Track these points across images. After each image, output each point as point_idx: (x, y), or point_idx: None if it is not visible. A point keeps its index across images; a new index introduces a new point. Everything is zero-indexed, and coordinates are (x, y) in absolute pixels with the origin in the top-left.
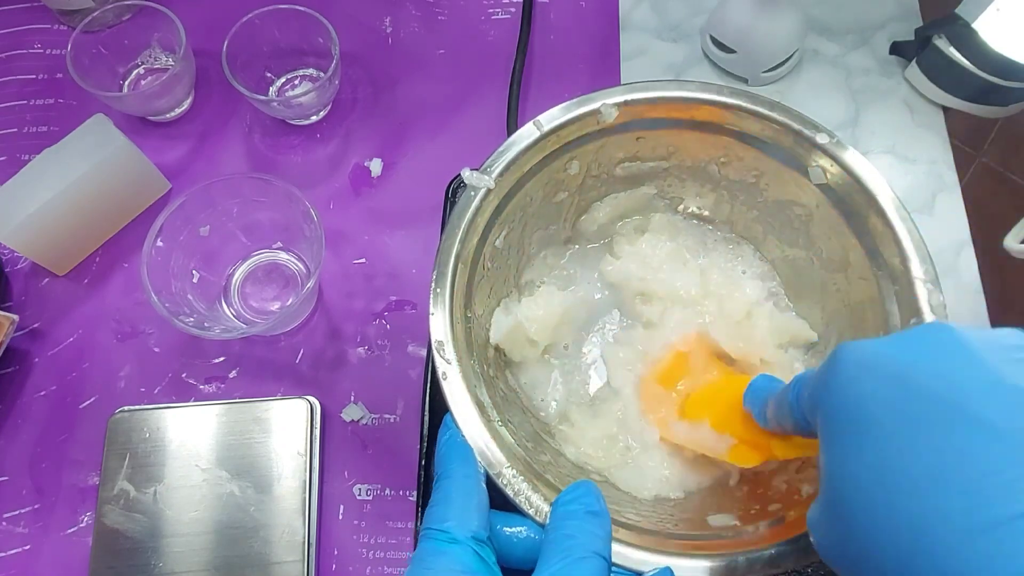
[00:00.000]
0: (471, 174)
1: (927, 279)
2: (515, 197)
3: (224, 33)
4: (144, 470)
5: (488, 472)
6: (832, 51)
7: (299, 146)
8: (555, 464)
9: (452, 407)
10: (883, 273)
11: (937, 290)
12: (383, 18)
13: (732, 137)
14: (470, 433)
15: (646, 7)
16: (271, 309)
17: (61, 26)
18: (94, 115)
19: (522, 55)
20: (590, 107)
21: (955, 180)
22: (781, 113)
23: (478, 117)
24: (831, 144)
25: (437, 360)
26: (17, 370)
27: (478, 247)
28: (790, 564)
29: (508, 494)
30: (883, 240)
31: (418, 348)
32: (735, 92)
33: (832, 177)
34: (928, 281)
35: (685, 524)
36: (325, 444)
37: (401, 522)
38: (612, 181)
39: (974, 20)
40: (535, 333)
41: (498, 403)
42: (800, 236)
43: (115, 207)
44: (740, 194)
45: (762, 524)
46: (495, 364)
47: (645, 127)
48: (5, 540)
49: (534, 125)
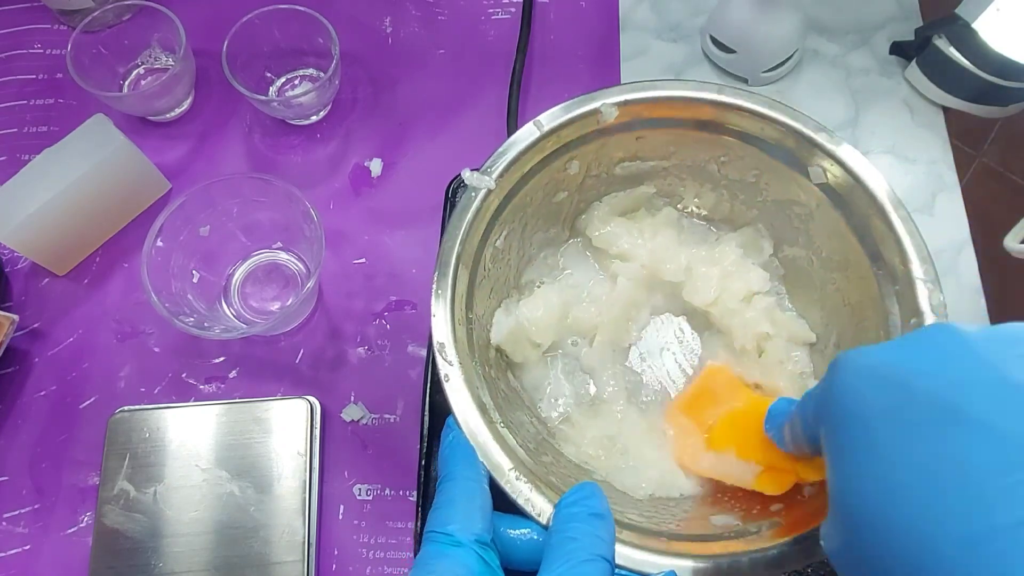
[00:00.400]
0: (471, 175)
1: (927, 279)
2: (515, 197)
3: (224, 33)
4: (144, 470)
5: (492, 475)
6: (832, 51)
7: (299, 146)
8: (557, 465)
9: (454, 409)
10: (883, 273)
11: (937, 290)
12: (383, 18)
13: (732, 136)
14: (472, 435)
15: (646, 7)
16: (271, 309)
17: (61, 26)
18: (94, 115)
19: (522, 55)
20: (590, 107)
21: (955, 180)
22: (781, 112)
23: (478, 117)
24: (831, 143)
25: (439, 362)
26: (17, 370)
27: (479, 248)
28: (794, 564)
29: (511, 497)
30: (883, 240)
31: (418, 348)
32: (735, 91)
33: (832, 177)
34: (928, 281)
35: (688, 524)
36: (325, 444)
37: (401, 522)
38: (612, 180)
39: (974, 20)
40: (536, 334)
41: (500, 404)
42: (800, 235)
43: (115, 207)
44: (740, 193)
45: (764, 524)
46: (496, 365)
47: (645, 127)
48: (5, 540)
49: (534, 125)
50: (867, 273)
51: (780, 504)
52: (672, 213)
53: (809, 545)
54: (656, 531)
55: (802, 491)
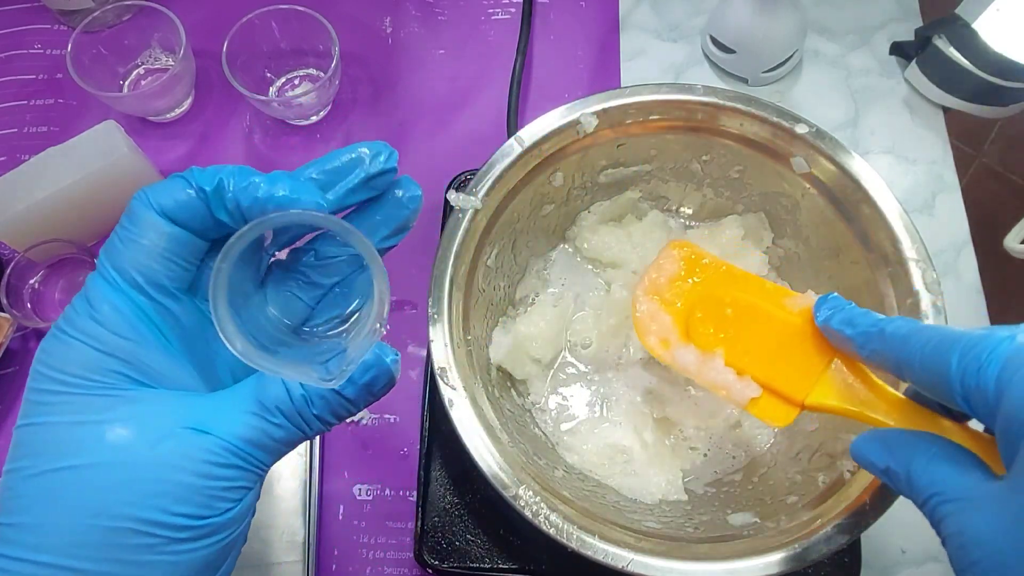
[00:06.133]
0: (457, 196)
1: (919, 258)
2: (503, 215)
3: (224, 33)
4: None
5: (504, 495)
6: (832, 51)
7: (299, 146)
8: (569, 478)
9: (461, 433)
10: (874, 256)
11: (930, 268)
12: (383, 18)
13: (713, 135)
14: (483, 459)
15: (646, 7)
16: None
17: (61, 26)
18: (105, 121)
19: (522, 55)
20: (569, 118)
21: (955, 180)
22: (758, 108)
23: (478, 117)
24: (811, 134)
25: (442, 387)
26: (17, 370)
27: (471, 269)
28: (815, 556)
29: (526, 515)
30: (872, 223)
31: (418, 348)
32: (710, 90)
33: (815, 166)
34: (920, 260)
35: (705, 526)
36: (325, 444)
37: (401, 522)
38: (596, 189)
39: (974, 20)
40: (535, 350)
41: (506, 423)
42: (788, 226)
43: (114, 213)
44: (725, 190)
45: (783, 518)
46: (499, 384)
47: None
48: None
49: (515, 141)
50: (859, 257)
51: (796, 496)
52: (659, 216)
53: (830, 536)
54: (676, 536)
55: (816, 481)
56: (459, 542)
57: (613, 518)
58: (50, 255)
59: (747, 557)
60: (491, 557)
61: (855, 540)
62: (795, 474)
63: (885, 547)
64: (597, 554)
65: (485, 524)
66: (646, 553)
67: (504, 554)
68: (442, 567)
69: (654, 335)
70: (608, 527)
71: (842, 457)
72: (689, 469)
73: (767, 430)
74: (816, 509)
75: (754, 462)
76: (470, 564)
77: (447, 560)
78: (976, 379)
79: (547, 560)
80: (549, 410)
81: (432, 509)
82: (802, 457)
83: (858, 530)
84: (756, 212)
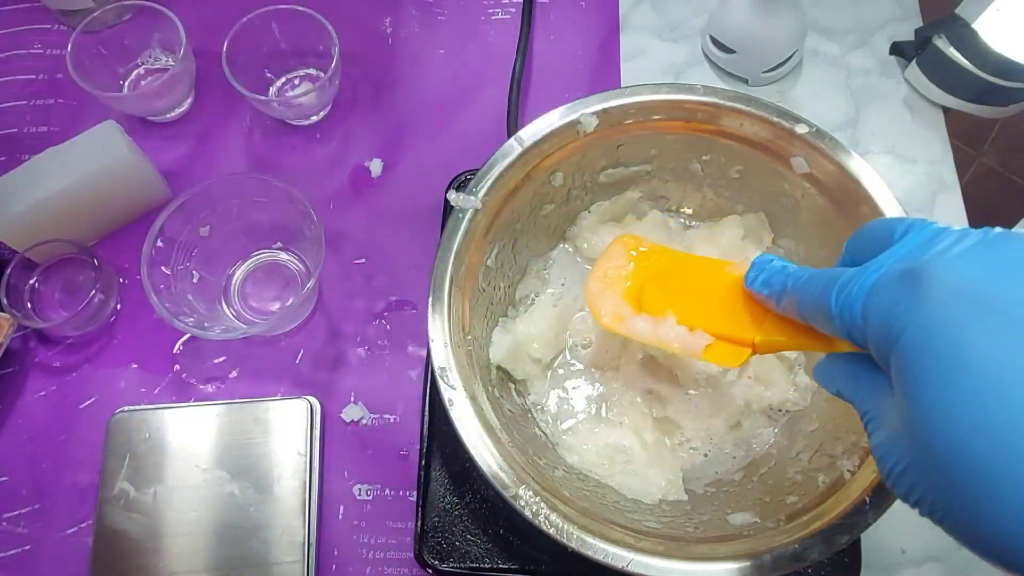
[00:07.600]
0: (457, 196)
1: None
2: (502, 214)
3: (224, 33)
4: (144, 470)
5: (504, 495)
6: (832, 51)
7: (299, 146)
8: (569, 478)
9: (461, 433)
10: None
11: None
12: (383, 18)
13: (713, 135)
14: (483, 459)
15: (646, 7)
16: (271, 309)
17: (61, 26)
18: (105, 121)
19: (522, 55)
20: (569, 118)
21: (955, 180)
22: (759, 108)
23: (478, 117)
24: (811, 134)
25: (442, 387)
26: (17, 370)
27: (471, 269)
28: (815, 556)
29: (526, 515)
30: None
31: (418, 348)
32: (710, 90)
33: (815, 166)
34: None
35: (705, 526)
36: (325, 444)
37: (401, 522)
38: (596, 189)
39: (974, 20)
40: (535, 350)
41: (506, 423)
42: (788, 226)
43: (112, 212)
44: (725, 190)
45: (783, 518)
46: (499, 384)
47: (625, 132)
48: (5, 540)
49: (515, 141)
50: None
51: (795, 496)
52: (659, 216)
53: (830, 535)
54: (676, 536)
55: (817, 480)
56: (459, 542)
57: (613, 518)
58: (50, 255)
59: (747, 557)
60: (491, 557)
61: (855, 540)
62: (795, 474)
63: (885, 547)
64: (597, 554)
65: (485, 524)
66: (646, 553)
67: (504, 554)
68: (442, 567)
69: (607, 313)
70: (608, 527)
71: (842, 457)
72: (689, 469)
73: (767, 430)
74: (816, 509)
75: (754, 462)
76: (470, 564)
77: (447, 560)
78: (850, 314)
79: (547, 560)
80: (549, 410)
81: (432, 509)
82: (802, 457)
83: (858, 530)
84: (756, 212)
